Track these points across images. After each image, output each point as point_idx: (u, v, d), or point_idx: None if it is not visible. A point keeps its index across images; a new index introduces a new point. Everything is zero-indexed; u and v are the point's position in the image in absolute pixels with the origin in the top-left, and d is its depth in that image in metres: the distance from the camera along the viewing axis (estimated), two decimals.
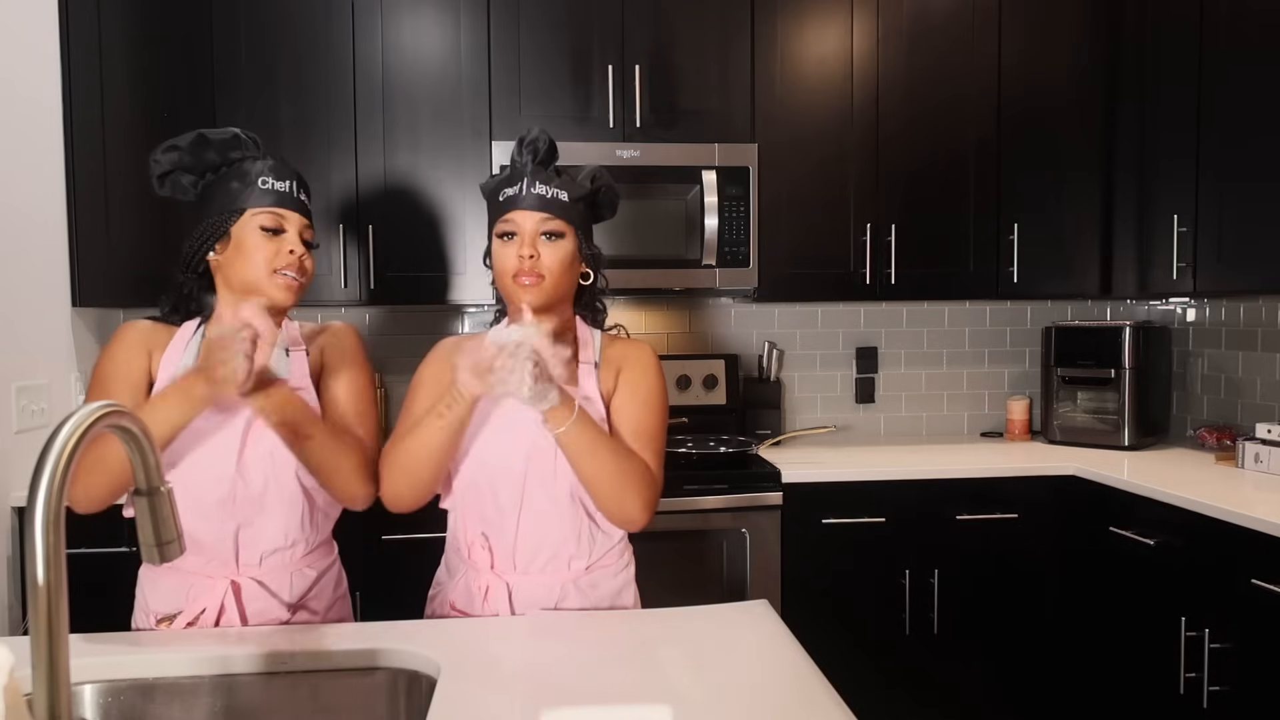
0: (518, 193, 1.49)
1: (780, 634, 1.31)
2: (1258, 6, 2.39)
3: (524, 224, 1.47)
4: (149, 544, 0.86)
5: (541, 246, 1.46)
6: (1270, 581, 1.96)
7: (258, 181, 1.48)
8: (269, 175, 1.49)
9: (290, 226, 1.49)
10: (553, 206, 1.47)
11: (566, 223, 1.49)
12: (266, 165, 1.50)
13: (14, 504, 2.40)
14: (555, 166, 1.55)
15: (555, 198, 1.48)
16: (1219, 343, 3.00)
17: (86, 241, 2.67)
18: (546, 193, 1.48)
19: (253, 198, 1.47)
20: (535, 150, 1.52)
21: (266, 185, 1.48)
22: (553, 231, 1.47)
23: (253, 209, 1.47)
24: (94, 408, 0.77)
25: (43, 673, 0.71)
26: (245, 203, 1.47)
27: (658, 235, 2.78)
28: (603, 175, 1.58)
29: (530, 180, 1.48)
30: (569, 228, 1.49)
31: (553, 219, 1.47)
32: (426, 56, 2.77)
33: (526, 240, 1.47)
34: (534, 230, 1.47)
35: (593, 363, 1.55)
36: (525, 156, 1.52)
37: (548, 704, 1.08)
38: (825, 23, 2.89)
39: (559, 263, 1.47)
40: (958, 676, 2.69)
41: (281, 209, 1.48)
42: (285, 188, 1.50)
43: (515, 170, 1.52)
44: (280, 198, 1.49)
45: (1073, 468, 2.67)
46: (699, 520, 2.56)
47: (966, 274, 2.96)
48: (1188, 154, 2.62)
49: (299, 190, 1.52)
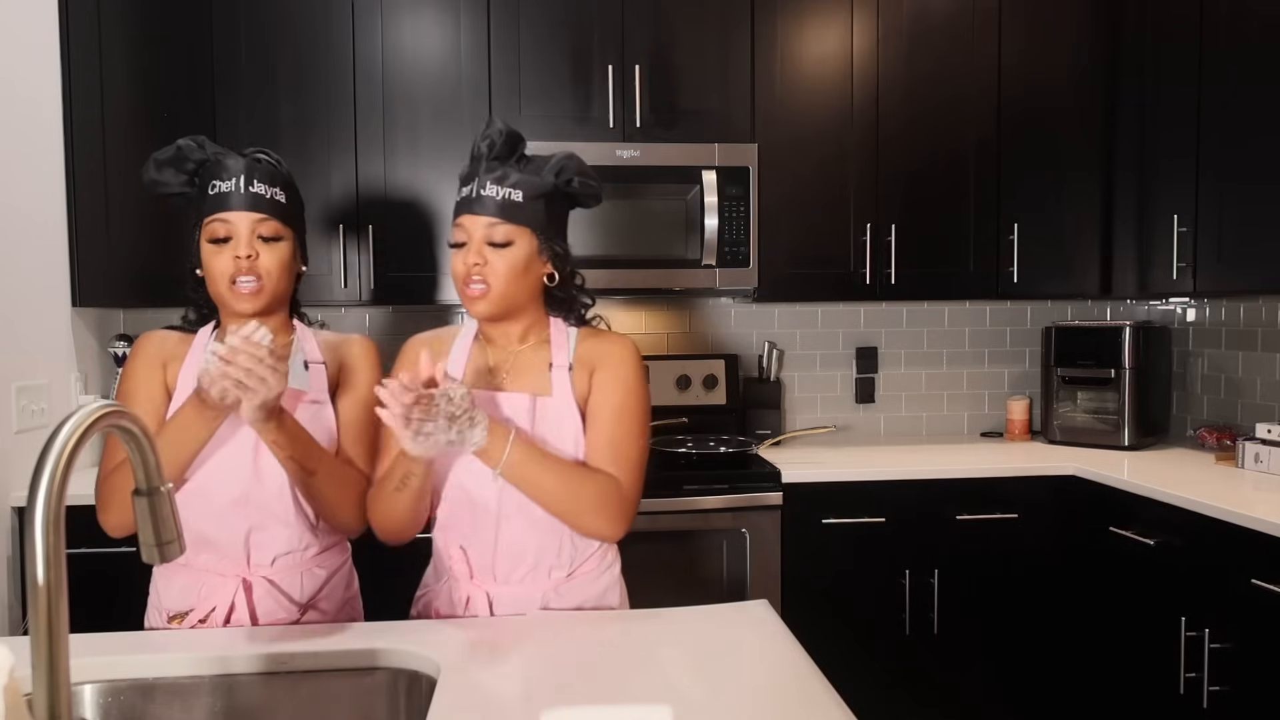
0: (470, 194, 1.42)
1: (780, 634, 1.31)
2: (1258, 7, 2.39)
3: (472, 230, 1.41)
4: (149, 544, 0.86)
5: (490, 253, 1.40)
6: (1270, 581, 1.96)
7: (207, 188, 1.44)
8: (217, 178, 1.44)
9: (239, 229, 1.43)
10: (504, 209, 1.39)
11: (518, 226, 1.40)
12: (218, 166, 1.45)
13: (14, 504, 2.40)
14: (522, 156, 1.45)
15: (507, 199, 1.40)
16: (1219, 343, 3.00)
17: (86, 241, 2.67)
18: (498, 193, 1.40)
19: (205, 206, 1.45)
20: (491, 143, 1.43)
21: (214, 190, 1.44)
22: (500, 240, 1.40)
23: (205, 219, 1.44)
24: (94, 407, 0.77)
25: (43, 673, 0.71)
26: (200, 214, 1.45)
27: (658, 235, 2.78)
28: (570, 164, 1.47)
29: (484, 179, 1.41)
30: (522, 231, 1.41)
31: (500, 224, 1.40)
32: (426, 56, 2.77)
33: (473, 247, 1.40)
34: (481, 237, 1.40)
35: (566, 365, 1.48)
36: (481, 149, 1.44)
37: (547, 704, 1.08)
38: (825, 23, 2.89)
39: (508, 269, 1.40)
40: (958, 676, 2.69)
41: (225, 213, 1.43)
42: (230, 186, 1.43)
43: (473, 164, 1.45)
44: (224, 200, 1.43)
45: (1073, 468, 2.67)
46: (699, 520, 2.56)
47: (966, 274, 2.96)
48: (1188, 154, 2.62)
49: (248, 183, 1.44)
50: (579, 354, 1.48)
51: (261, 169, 1.47)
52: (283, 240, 1.48)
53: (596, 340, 1.51)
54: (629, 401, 1.46)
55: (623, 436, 1.44)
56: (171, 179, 1.47)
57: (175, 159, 1.46)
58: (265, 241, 1.45)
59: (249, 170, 1.45)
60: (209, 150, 1.47)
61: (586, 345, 1.50)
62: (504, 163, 1.43)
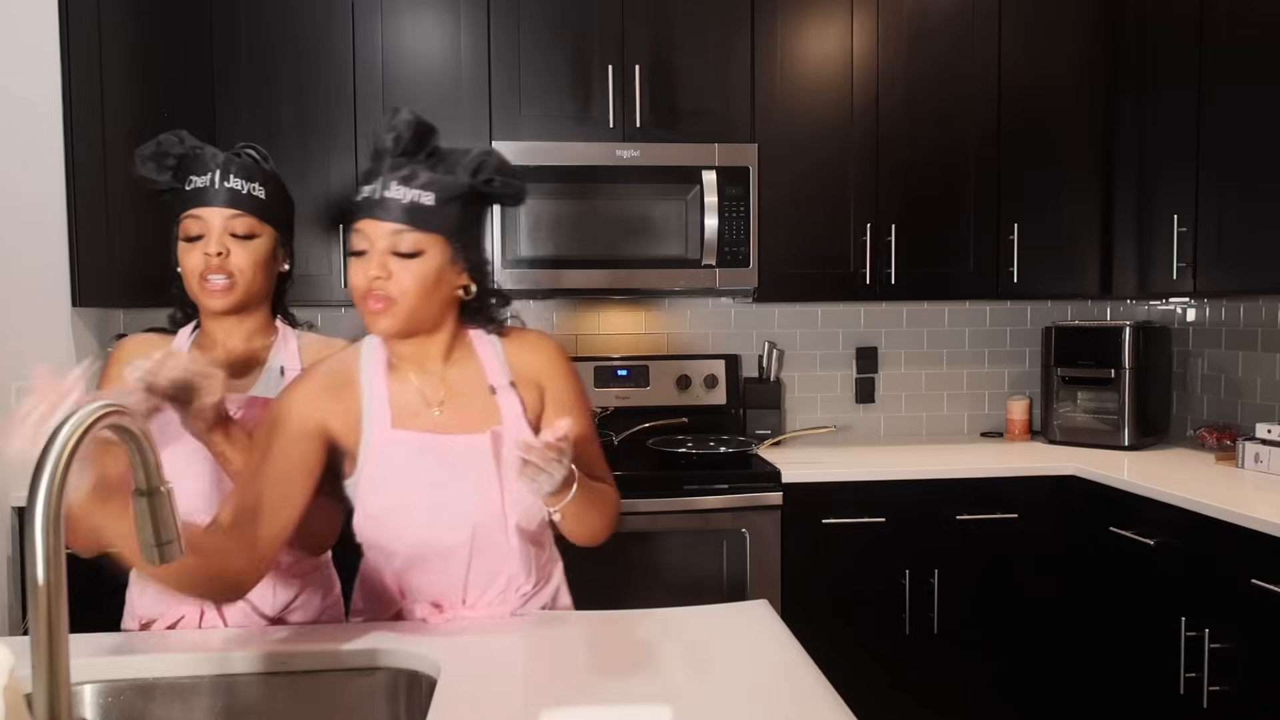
0: (372, 195, 1.24)
1: (780, 634, 1.31)
2: (1258, 7, 2.39)
3: (374, 237, 1.23)
4: (149, 544, 0.86)
5: (395, 264, 1.23)
6: (1270, 581, 1.96)
7: (184, 184, 1.40)
8: (194, 172, 1.40)
9: (211, 225, 1.39)
10: (412, 214, 1.23)
11: (429, 234, 1.23)
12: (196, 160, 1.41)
13: (14, 504, 2.40)
14: (434, 150, 1.29)
15: (416, 203, 1.23)
16: (1219, 343, 3.00)
17: (86, 241, 2.67)
18: (405, 196, 1.23)
19: (180, 202, 1.41)
20: (397, 137, 1.26)
21: (190, 185, 1.40)
22: (408, 250, 1.23)
23: (181, 215, 1.41)
24: (94, 407, 0.77)
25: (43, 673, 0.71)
26: (176, 210, 1.41)
27: (658, 235, 2.78)
28: (490, 161, 1.30)
29: (388, 179, 1.24)
30: (433, 240, 1.24)
31: (408, 231, 1.22)
32: (426, 57, 2.77)
33: (375, 258, 1.23)
34: (385, 245, 1.23)
35: (508, 383, 1.35)
36: (386, 143, 1.26)
37: (548, 704, 1.07)
38: (825, 23, 2.89)
39: (416, 283, 1.23)
40: (958, 676, 2.69)
41: (199, 209, 1.39)
42: (206, 181, 1.39)
43: (376, 161, 1.28)
44: (198, 195, 1.39)
45: (1073, 468, 2.67)
46: (699, 520, 2.56)
47: (966, 274, 2.96)
48: (1188, 154, 2.62)
49: (224, 178, 1.39)
50: (513, 366, 1.36)
51: (240, 163, 1.42)
52: (258, 237, 1.43)
53: (523, 346, 1.39)
54: (582, 402, 1.40)
55: (592, 434, 1.40)
56: (154, 174, 1.43)
57: (156, 154, 1.42)
58: (239, 239, 1.40)
59: (225, 165, 1.40)
60: (188, 144, 1.43)
61: (516, 354, 1.38)
62: (412, 159, 1.26)
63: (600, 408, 2.99)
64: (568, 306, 3.22)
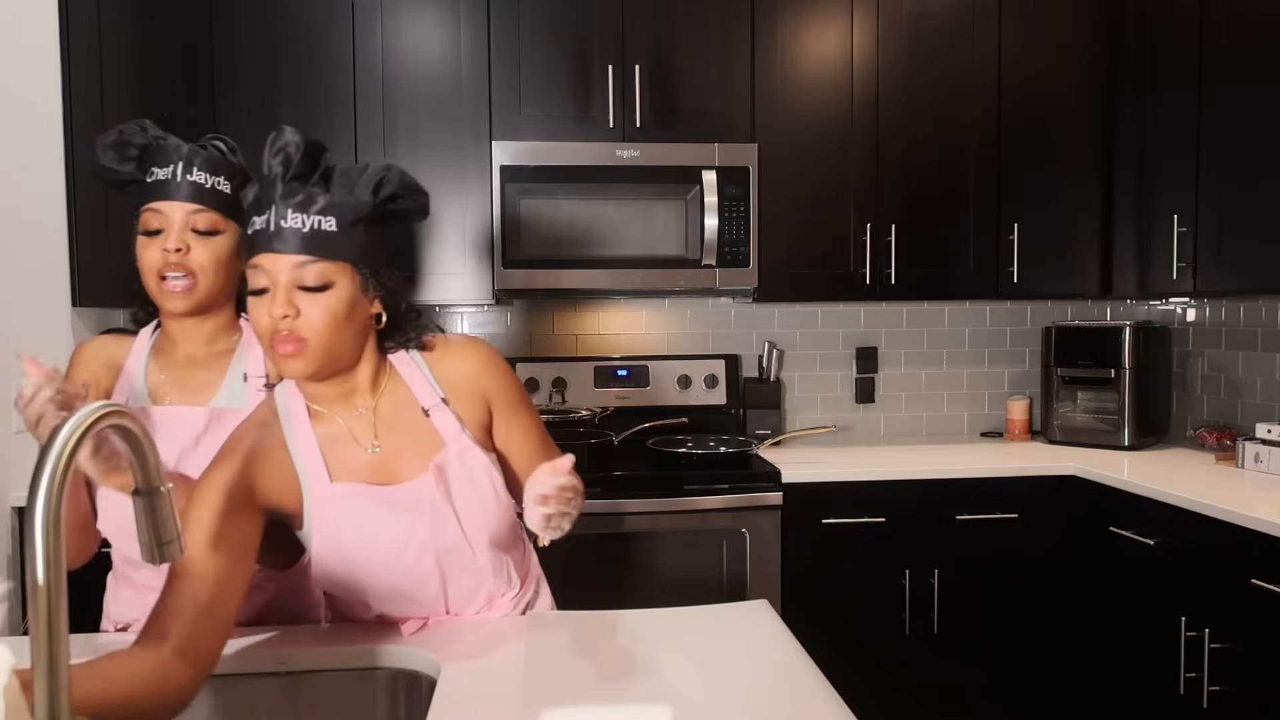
0: (266, 226, 1.13)
1: (780, 634, 1.31)
2: (1258, 6, 2.39)
3: (275, 272, 1.12)
4: (148, 544, 0.86)
5: (302, 299, 1.13)
6: (1270, 581, 1.96)
7: (145, 176, 1.35)
8: (156, 164, 1.34)
9: (172, 220, 1.33)
10: (314, 243, 1.12)
11: (335, 262, 1.14)
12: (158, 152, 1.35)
13: (14, 504, 2.40)
14: (327, 170, 1.19)
15: (317, 229, 1.12)
16: (1219, 343, 3.00)
17: (86, 241, 2.67)
18: (305, 223, 1.12)
19: (140, 195, 1.35)
20: (286, 159, 1.15)
21: (151, 177, 1.34)
22: (314, 284, 1.13)
23: (140, 208, 1.35)
24: (94, 407, 0.77)
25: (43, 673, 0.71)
26: (136, 202, 1.36)
27: (658, 235, 2.78)
28: (391, 177, 1.20)
29: (282, 206, 1.12)
30: (341, 269, 1.14)
31: (312, 262, 1.12)
32: (426, 57, 2.77)
33: (280, 296, 1.12)
34: (289, 280, 1.12)
35: (440, 401, 1.27)
36: (275, 168, 1.15)
37: (548, 704, 1.07)
38: (825, 23, 2.89)
39: (327, 319, 1.14)
40: (958, 676, 2.69)
41: (158, 202, 1.33)
42: (167, 174, 1.33)
43: (265, 188, 1.15)
44: (159, 188, 1.33)
45: (1073, 468, 2.67)
46: (699, 520, 2.56)
47: (966, 274, 2.96)
48: (1188, 154, 2.62)
49: (187, 170, 1.33)
50: (443, 381, 1.28)
51: (204, 156, 1.35)
52: (221, 234, 1.36)
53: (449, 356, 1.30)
54: (525, 399, 1.36)
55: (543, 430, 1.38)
56: (116, 164, 1.37)
57: (117, 143, 1.36)
58: (200, 235, 1.34)
59: (189, 157, 1.34)
60: (151, 134, 1.37)
61: (444, 366, 1.29)
62: (306, 183, 1.16)
63: (600, 408, 2.99)
64: (568, 306, 3.22)
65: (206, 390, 1.40)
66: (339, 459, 1.23)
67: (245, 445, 1.20)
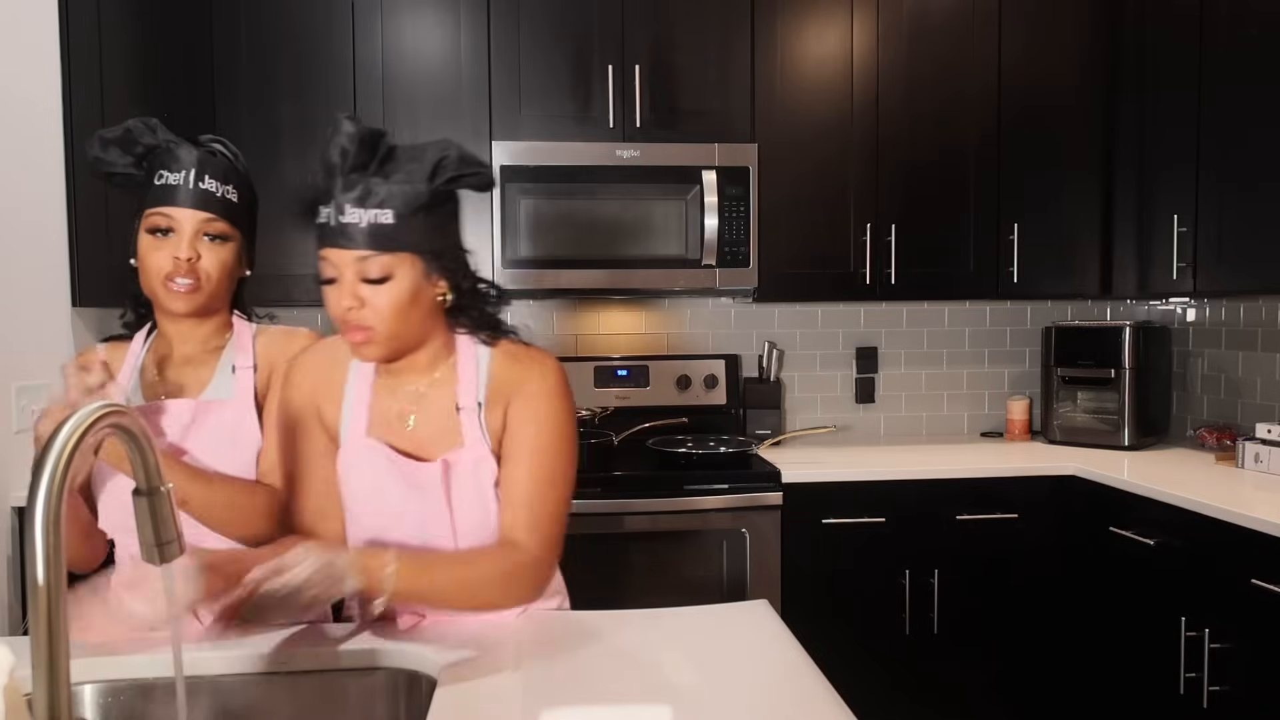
0: (328, 221, 1.17)
1: (780, 634, 1.31)
2: (1258, 7, 2.39)
3: (341, 265, 1.17)
4: (149, 544, 0.86)
5: (366, 291, 1.18)
6: (1270, 581, 1.96)
7: (154, 176, 1.35)
8: (165, 167, 1.35)
9: (183, 227, 1.35)
10: (374, 237, 1.16)
11: (395, 254, 1.17)
12: (168, 155, 1.36)
13: (14, 504, 2.40)
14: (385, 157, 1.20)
15: (376, 223, 1.15)
16: (1219, 343, 3.00)
17: (86, 241, 2.67)
18: (363, 218, 1.15)
19: (148, 197, 1.36)
20: (343, 152, 1.17)
21: (161, 180, 1.35)
22: (377, 276, 1.17)
23: (147, 210, 1.36)
24: (94, 407, 0.77)
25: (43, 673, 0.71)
26: (143, 204, 1.36)
27: (658, 235, 2.78)
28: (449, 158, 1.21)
29: (341, 200, 1.16)
30: (402, 259, 1.18)
31: (373, 256, 1.16)
32: (426, 56, 2.77)
33: (346, 288, 1.18)
34: (354, 274, 1.17)
35: (475, 406, 1.27)
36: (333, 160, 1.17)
37: (547, 704, 1.07)
38: (825, 23, 2.89)
39: (391, 308, 1.18)
40: (958, 676, 2.69)
41: (169, 207, 1.34)
42: (179, 180, 1.34)
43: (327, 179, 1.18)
44: (170, 193, 1.34)
45: (1073, 468, 2.67)
46: (699, 520, 2.56)
47: (966, 274, 2.96)
48: (1188, 154, 2.62)
49: (199, 178, 1.35)
50: (492, 383, 1.29)
51: (215, 164, 1.38)
52: (229, 241, 1.39)
53: (512, 363, 1.30)
54: (549, 442, 1.27)
55: (542, 487, 1.26)
56: (117, 159, 1.38)
57: (123, 140, 1.37)
58: (210, 241, 1.37)
59: (201, 164, 1.36)
60: (160, 136, 1.38)
61: (501, 371, 1.29)
62: (364, 174, 1.17)
63: (600, 408, 2.99)
64: (568, 306, 3.22)
65: (197, 386, 1.43)
66: (379, 419, 1.30)
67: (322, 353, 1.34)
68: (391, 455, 1.28)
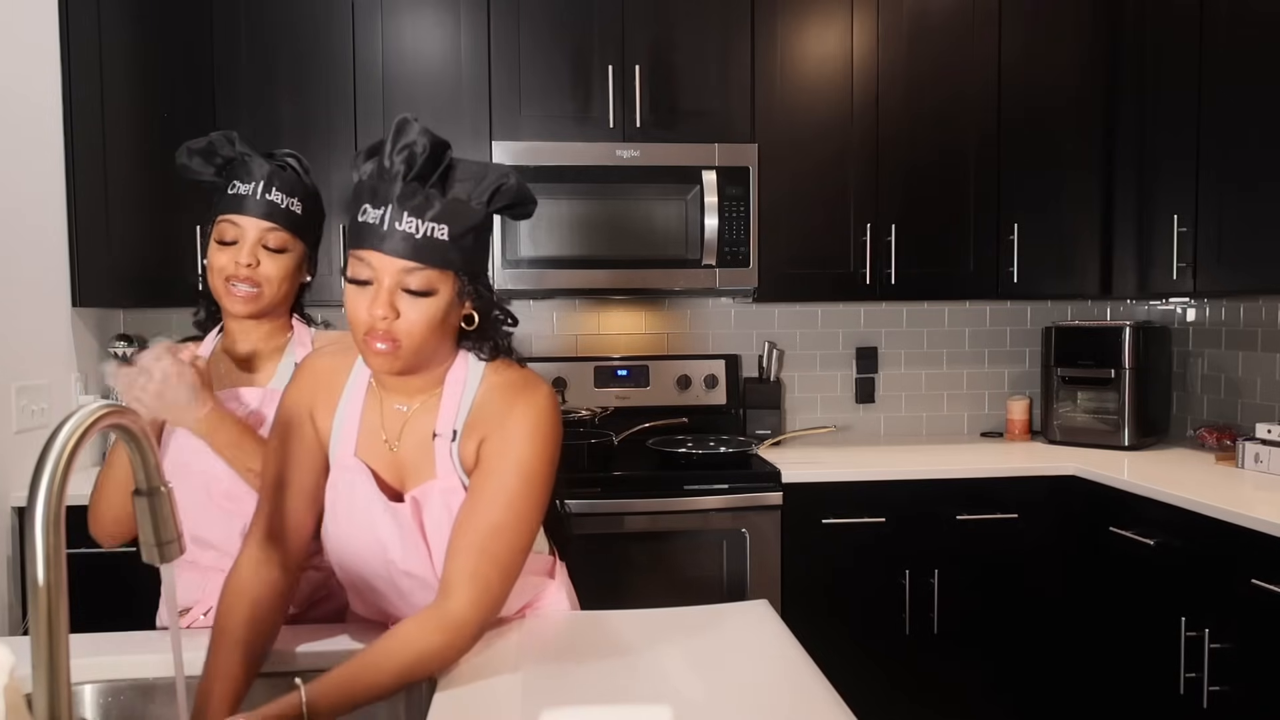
0: (379, 223, 1.12)
1: (780, 634, 1.31)
2: (1258, 7, 2.39)
3: (381, 271, 1.12)
4: (149, 544, 0.86)
5: (404, 302, 1.13)
6: (1270, 581, 1.96)
7: (228, 186, 1.45)
8: (238, 178, 1.44)
9: (246, 234, 1.43)
10: (424, 251, 1.12)
11: (442, 272, 1.13)
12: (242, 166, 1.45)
13: (14, 504, 2.40)
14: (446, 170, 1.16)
15: (430, 237, 1.12)
16: (1219, 343, 3.00)
17: (86, 241, 2.67)
18: (418, 229, 1.11)
19: (220, 204, 1.45)
20: (409, 158, 1.12)
21: (233, 190, 1.44)
22: (419, 289, 1.13)
23: (218, 217, 1.45)
24: (94, 407, 0.77)
25: (43, 673, 0.71)
26: (216, 210, 1.46)
27: (658, 235, 2.78)
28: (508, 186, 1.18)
29: (399, 208, 1.11)
30: (445, 277, 1.14)
31: (419, 269, 1.12)
32: (426, 56, 2.77)
33: (382, 295, 1.12)
34: (393, 283, 1.12)
35: (450, 434, 1.21)
36: (396, 165, 1.12)
37: (548, 704, 1.08)
38: (825, 23, 2.89)
39: (424, 323, 1.14)
40: (958, 676, 2.69)
41: (238, 215, 1.43)
42: (248, 190, 1.43)
43: (383, 181, 1.13)
44: (239, 202, 1.43)
45: (1073, 468, 2.67)
46: (699, 520, 2.56)
47: (966, 274, 2.96)
48: (1188, 154, 2.62)
49: (267, 189, 1.44)
50: (474, 413, 1.22)
51: (284, 177, 1.46)
52: (289, 251, 1.47)
53: (498, 395, 1.23)
54: (513, 484, 1.18)
55: (498, 532, 1.17)
56: (201, 167, 1.48)
57: (205, 150, 1.47)
58: (270, 251, 1.45)
59: (270, 177, 1.44)
60: (238, 148, 1.47)
61: (485, 401, 1.22)
62: (425, 185, 1.13)
63: (600, 408, 2.99)
64: (568, 306, 3.22)
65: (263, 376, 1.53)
66: (367, 438, 1.26)
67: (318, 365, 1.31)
68: (372, 485, 1.24)
